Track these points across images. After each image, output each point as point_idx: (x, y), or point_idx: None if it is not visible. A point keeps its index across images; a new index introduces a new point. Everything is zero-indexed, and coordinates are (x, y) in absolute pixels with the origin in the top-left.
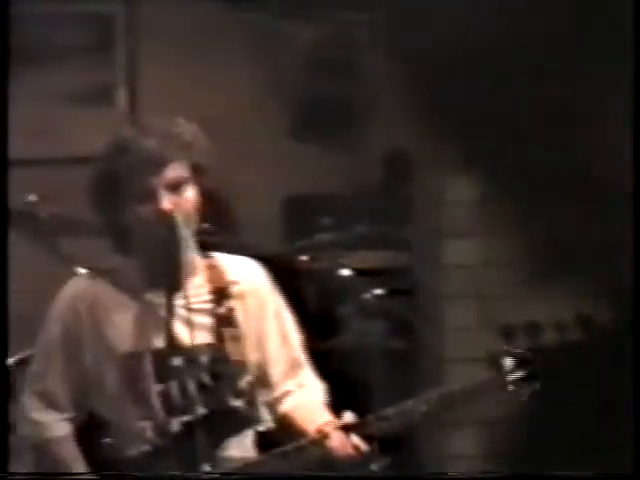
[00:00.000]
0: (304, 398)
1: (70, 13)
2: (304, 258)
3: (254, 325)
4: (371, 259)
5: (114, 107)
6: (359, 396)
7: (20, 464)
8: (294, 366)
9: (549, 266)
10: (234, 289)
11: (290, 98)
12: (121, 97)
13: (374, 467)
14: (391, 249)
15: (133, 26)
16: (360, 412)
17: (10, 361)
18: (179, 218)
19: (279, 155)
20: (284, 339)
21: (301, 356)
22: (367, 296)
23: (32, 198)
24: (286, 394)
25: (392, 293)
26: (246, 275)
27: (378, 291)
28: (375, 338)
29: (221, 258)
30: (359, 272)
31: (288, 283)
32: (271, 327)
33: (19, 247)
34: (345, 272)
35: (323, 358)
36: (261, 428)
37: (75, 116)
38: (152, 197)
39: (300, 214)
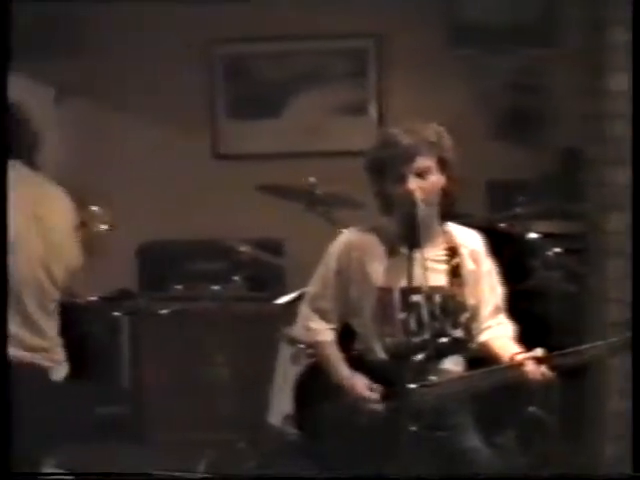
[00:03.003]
0: (500, 332)
1: (336, 48)
2: (504, 224)
3: (472, 278)
4: (553, 226)
5: (367, 117)
6: (543, 325)
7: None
8: (496, 310)
9: None
10: (461, 250)
11: (495, 109)
12: (372, 109)
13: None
14: (567, 219)
15: (381, 57)
16: (542, 338)
17: (286, 298)
18: (419, 197)
19: (486, 150)
20: (492, 290)
21: (502, 304)
22: (549, 253)
23: (311, 180)
24: (487, 328)
25: (567, 251)
26: (470, 241)
27: (557, 249)
28: (555, 284)
29: (453, 227)
30: (544, 235)
31: (493, 242)
32: (484, 280)
33: (300, 215)
34: (534, 235)
35: (517, 297)
36: (469, 352)
37: (339, 122)
38: (403, 179)
39: (501, 193)
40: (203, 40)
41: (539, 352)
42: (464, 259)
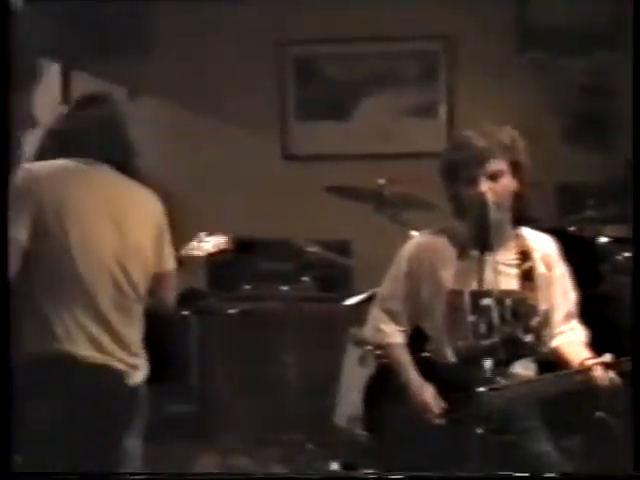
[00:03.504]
0: (572, 338)
1: (406, 50)
2: (574, 228)
3: (545, 282)
4: (622, 230)
5: (437, 119)
6: (613, 330)
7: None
8: (569, 315)
9: None
10: (534, 254)
11: (564, 112)
12: (442, 111)
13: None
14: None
15: (451, 60)
16: (613, 343)
17: (354, 299)
18: (491, 199)
19: (555, 153)
20: (564, 295)
21: (574, 309)
22: (619, 257)
23: (381, 181)
24: (559, 333)
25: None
26: (543, 245)
27: (627, 254)
28: (625, 288)
29: (526, 231)
30: (614, 239)
31: (563, 246)
32: (557, 285)
33: (368, 216)
34: (603, 239)
35: (587, 302)
36: (540, 356)
37: (409, 124)
38: (475, 182)
39: (570, 197)
40: (275, 41)
41: (608, 358)
42: (536, 263)
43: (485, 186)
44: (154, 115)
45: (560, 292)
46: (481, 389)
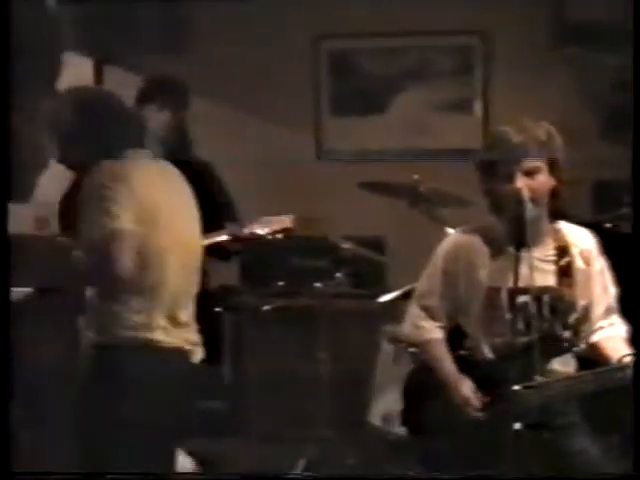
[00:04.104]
0: (611, 333)
1: (441, 45)
2: (610, 225)
3: (583, 277)
4: None
5: (472, 115)
6: None
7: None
8: (609, 310)
9: None
10: (572, 249)
11: (601, 108)
12: (478, 107)
13: None
14: None
15: (487, 55)
16: None
17: (388, 296)
18: (527, 196)
19: (592, 149)
20: (604, 290)
21: (614, 304)
22: None
23: (415, 177)
24: (599, 329)
25: None
26: (581, 240)
27: None
28: None
29: (565, 226)
30: None
31: (599, 242)
32: (596, 280)
33: (402, 212)
34: None
35: (624, 297)
36: (579, 353)
37: (444, 119)
38: (511, 178)
39: (606, 193)
40: (310, 36)
41: None
42: (575, 258)
43: (521, 182)
44: (188, 111)
45: (599, 287)
46: (518, 387)
